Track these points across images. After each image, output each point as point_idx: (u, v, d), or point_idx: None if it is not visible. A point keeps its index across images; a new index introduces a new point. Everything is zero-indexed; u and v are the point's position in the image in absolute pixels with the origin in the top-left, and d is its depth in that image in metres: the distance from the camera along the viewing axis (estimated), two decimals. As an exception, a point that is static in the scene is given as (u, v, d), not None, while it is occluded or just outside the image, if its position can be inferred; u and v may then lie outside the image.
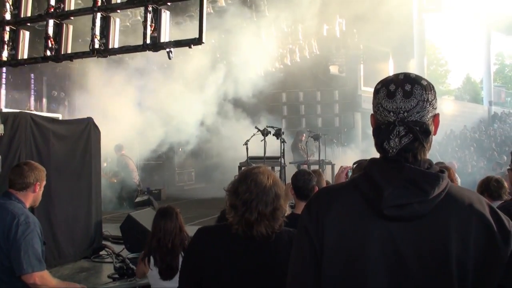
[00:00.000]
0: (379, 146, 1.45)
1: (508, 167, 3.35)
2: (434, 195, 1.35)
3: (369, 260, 1.36)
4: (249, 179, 2.23)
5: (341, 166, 3.25)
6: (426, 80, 1.46)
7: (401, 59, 18.82)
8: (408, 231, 1.36)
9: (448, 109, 24.55)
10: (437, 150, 18.71)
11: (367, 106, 16.32)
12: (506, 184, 4.41)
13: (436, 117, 1.47)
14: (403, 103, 1.41)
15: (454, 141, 22.08)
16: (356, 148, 15.08)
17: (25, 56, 6.24)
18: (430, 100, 1.43)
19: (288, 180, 9.72)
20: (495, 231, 1.35)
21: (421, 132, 1.41)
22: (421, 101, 1.42)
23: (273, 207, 2.21)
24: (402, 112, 1.41)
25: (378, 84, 1.49)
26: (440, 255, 1.33)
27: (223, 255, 2.21)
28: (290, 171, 10.91)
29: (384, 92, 1.45)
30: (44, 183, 3.53)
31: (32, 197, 3.42)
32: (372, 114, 1.51)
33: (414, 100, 1.41)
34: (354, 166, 3.13)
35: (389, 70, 18.05)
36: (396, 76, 1.47)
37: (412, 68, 20.17)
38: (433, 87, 1.46)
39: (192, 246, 2.34)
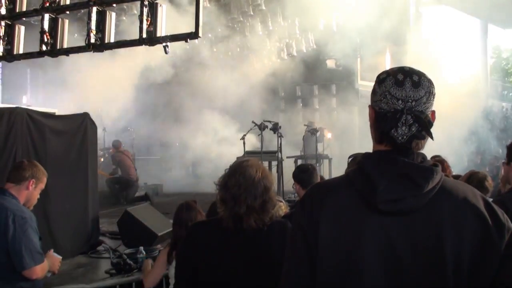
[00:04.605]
0: (385, 134, 1.44)
1: (503, 161, 3.35)
2: (428, 189, 1.35)
3: (364, 255, 1.36)
4: (238, 172, 2.24)
5: None
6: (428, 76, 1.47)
7: (398, 52, 18.76)
8: (402, 225, 1.36)
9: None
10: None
11: (365, 100, 16.27)
12: (488, 181, 4.30)
13: (433, 113, 1.47)
14: (412, 92, 1.41)
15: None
16: (353, 142, 15.04)
17: (21, 51, 6.20)
18: (434, 94, 1.45)
19: (285, 174, 9.80)
20: (490, 224, 1.35)
21: (427, 123, 1.42)
22: (428, 92, 1.43)
23: (262, 200, 2.21)
24: (410, 101, 1.41)
25: (382, 74, 1.48)
26: (435, 249, 1.33)
27: (216, 249, 2.22)
28: (288, 165, 10.95)
29: (392, 80, 1.44)
30: (41, 185, 3.49)
31: (25, 195, 3.37)
32: (370, 105, 1.50)
33: (422, 91, 1.42)
34: (350, 160, 3.11)
35: (386, 64, 18.00)
36: (401, 67, 1.47)
37: (409, 62, 20.14)
38: (433, 84, 1.47)
39: (186, 241, 2.34)
